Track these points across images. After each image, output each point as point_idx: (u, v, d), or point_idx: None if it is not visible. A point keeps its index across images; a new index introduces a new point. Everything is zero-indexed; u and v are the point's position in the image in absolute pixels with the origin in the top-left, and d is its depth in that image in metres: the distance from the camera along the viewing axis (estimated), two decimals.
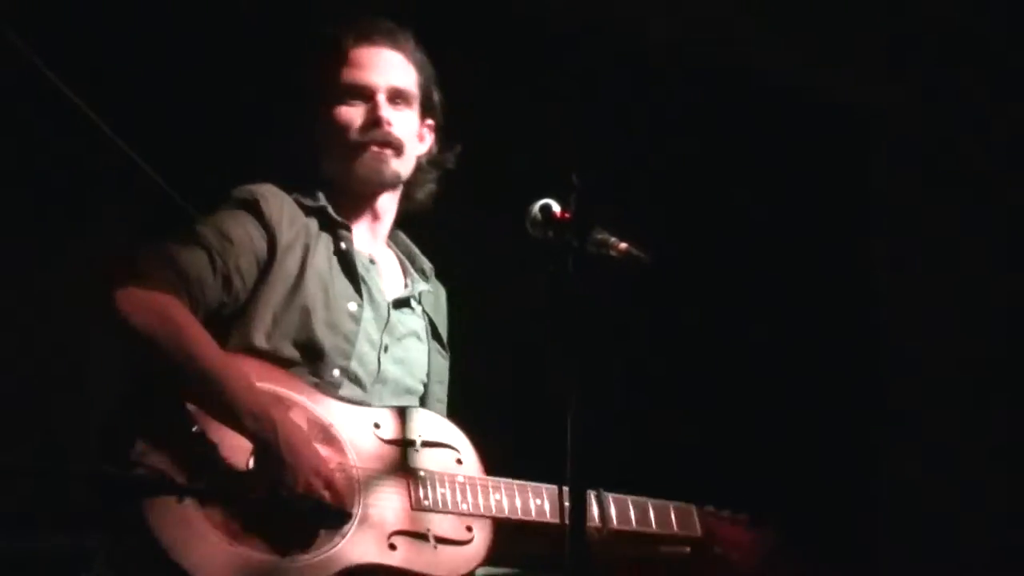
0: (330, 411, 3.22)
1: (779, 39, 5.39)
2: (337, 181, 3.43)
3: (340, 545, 3.10)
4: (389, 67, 3.46)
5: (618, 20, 5.10)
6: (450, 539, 3.23)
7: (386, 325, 3.40)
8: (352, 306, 3.34)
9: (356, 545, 3.12)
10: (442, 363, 3.53)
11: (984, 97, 5.60)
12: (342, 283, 3.35)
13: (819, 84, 5.50)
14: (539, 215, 3.16)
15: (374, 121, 3.41)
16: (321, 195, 3.41)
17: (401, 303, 3.46)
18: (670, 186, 5.23)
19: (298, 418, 3.15)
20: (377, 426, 3.26)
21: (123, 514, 2.96)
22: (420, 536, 3.19)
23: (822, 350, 5.42)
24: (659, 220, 4.97)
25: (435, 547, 3.20)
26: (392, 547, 3.16)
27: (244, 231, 3.26)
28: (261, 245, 3.27)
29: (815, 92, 5.51)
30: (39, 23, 3.55)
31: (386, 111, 3.42)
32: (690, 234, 5.20)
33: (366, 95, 3.42)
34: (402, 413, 3.31)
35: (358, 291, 3.36)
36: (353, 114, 3.42)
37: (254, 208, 3.29)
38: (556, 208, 3.10)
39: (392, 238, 3.56)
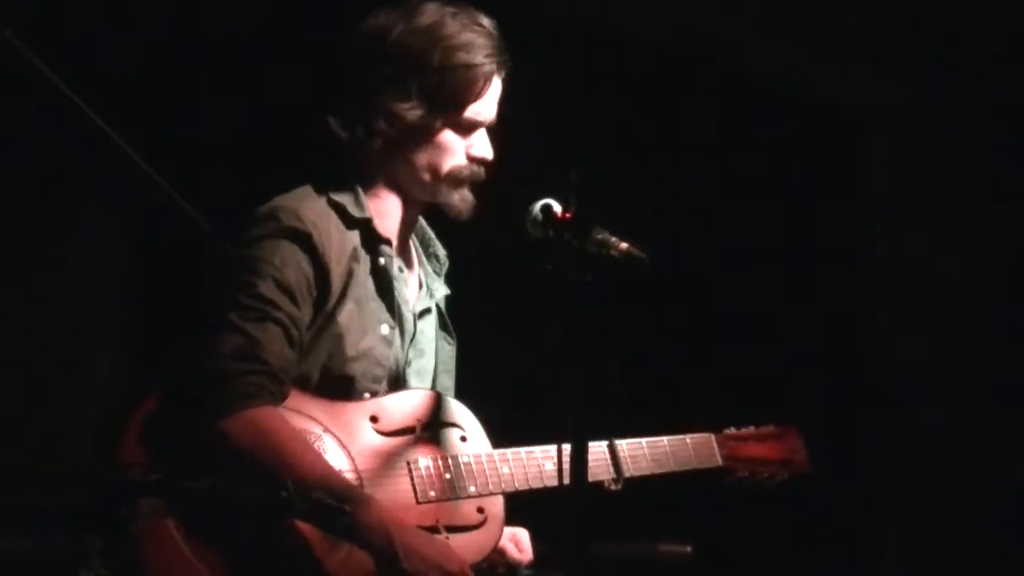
0: (323, 414, 3.18)
1: (778, 38, 5.39)
2: (404, 189, 3.31)
3: (352, 553, 3.06)
4: (497, 100, 3.34)
5: (616, 19, 5.10)
6: (461, 526, 3.20)
7: (412, 340, 3.34)
8: (385, 328, 3.26)
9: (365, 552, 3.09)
10: (448, 351, 3.46)
11: (983, 97, 5.60)
12: (376, 304, 3.26)
13: (818, 83, 5.50)
14: (539, 215, 3.16)
15: (482, 160, 3.30)
16: (364, 198, 3.27)
17: (423, 313, 3.38)
18: (668, 185, 5.23)
19: (295, 423, 3.11)
20: (374, 419, 3.21)
21: (120, 517, 2.95)
22: (430, 529, 3.16)
23: (821, 349, 5.42)
24: (657, 219, 4.97)
25: (447, 538, 3.17)
26: None
27: (299, 274, 3.14)
28: (313, 288, 3.16)
29: (814, 91, 5.51)
30: (39, 23, 3.55)
31: (490, 150, 3.31)
32: (688, 233, 5.20)
33: (476, 127, 3.31)
34: (399, 399, 3.26)
35: (391, 310, 3.28)
36: (457, 142, 3.28)
37: (307, 243, 3.16)
38: (557, 208, 3.10)
39: (419, 231, 3.46)
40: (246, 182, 4.28)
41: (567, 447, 2.84)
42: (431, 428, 3.26)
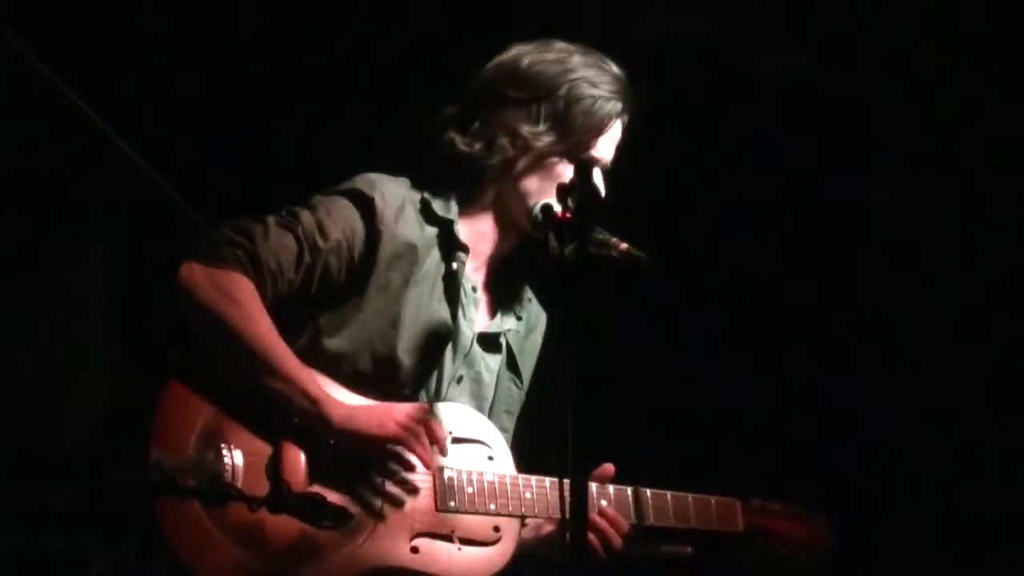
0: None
1: (779, 39, 5.39)
2: (504, 211, 3.36)
3: (361, 546, 3.09)
4: (616, 143, 3.43)
5: (618, 18, 5.10)
6: (475, 540, 3.21)
7: (465, 357, 3.35)
8: (442, 330, 3.29)
9: (377, 547, 3.11)
10: (514, 393, 3.48)
11: (983, 97, 5.59)
12: (439, 306, 3.29)
13: (820, 84, 5.50)
14: (540, 215, 3.17)
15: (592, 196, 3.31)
16: (454, 204, 3.34)
17: (487, 339, 3.41)
18: (670, 186, 5.23)
19: None
20: None
21: (128, 515, 2.96)
22: (444, 537, 3.18)
23: (821, 349, 5.41)
24: (658, 220, 4.96)
25: (459, 548, 3.19)
26: (414, 550, 3.15)
27: (346, 230, 3.21)
28: (359, 248, 3.22)
29: (815, 92, 5.51)
30: (39, 23, 3.55)
31: (602, 190, 3.31)
32: (687, 232, 5.20)
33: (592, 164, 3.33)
34: (432, 409, 3.26)
35: (453, 318, 3.31)
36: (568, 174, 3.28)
37: (367, 206, 3.23)
38: (557, 208, 3.10)
39: (508, 265, 3.47)
40: (246, 182, 4.29)
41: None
42: (461, 442, 3.27)
